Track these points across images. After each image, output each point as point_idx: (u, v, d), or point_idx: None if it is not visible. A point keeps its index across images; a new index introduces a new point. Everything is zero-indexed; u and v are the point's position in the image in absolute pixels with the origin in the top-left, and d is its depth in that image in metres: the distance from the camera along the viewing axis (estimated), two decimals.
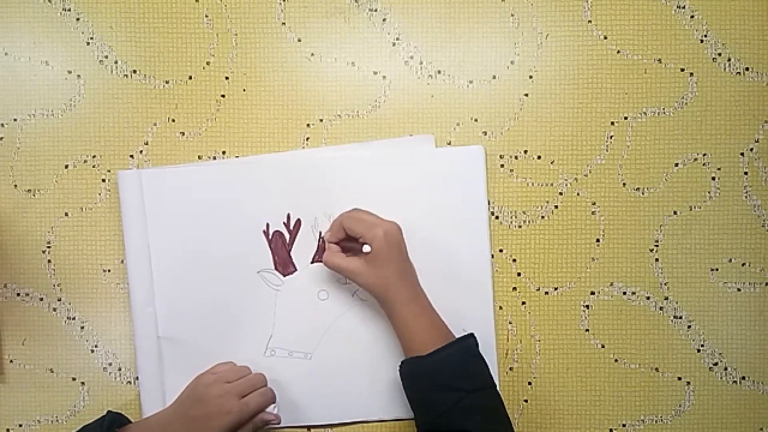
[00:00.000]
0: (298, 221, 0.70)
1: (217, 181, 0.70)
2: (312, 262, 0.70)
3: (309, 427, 0.71)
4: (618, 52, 0.71)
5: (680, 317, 0.71)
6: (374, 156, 0.70)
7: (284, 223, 0.70)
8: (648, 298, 0.71)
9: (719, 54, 0.71)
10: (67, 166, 0.71)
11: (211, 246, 0.70)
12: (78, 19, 0.71)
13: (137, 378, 0.70)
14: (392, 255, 0.63)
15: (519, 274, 0.71)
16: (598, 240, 0.71)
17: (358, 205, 0.68)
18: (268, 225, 0.70)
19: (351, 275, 0.65)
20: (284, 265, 0.70)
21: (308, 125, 0.71)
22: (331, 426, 0.71)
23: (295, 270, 0.70)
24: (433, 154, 0.71)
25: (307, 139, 0.71)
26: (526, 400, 0.71)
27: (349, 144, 0.71)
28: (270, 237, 0.70)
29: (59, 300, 0.71)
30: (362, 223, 0.64)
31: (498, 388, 0.70)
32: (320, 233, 0.70)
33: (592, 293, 0.71)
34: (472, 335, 0.64)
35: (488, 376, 0.63)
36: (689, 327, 0.71)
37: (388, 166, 0.70)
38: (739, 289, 0.71)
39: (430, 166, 0.70)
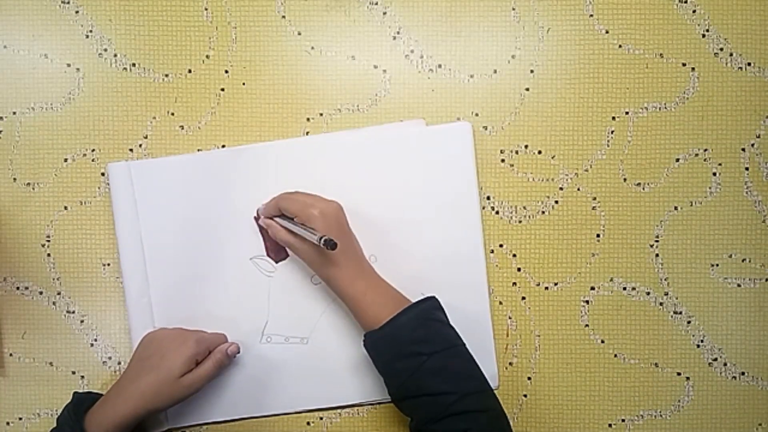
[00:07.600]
0: None
1: (205, 171, 0.70)
2: None
3: (309, 411, 0.71)
4: (620, 46, 0.70)
5: (680, 313, 0.71)
6: (362, 139, 0.70)
7: None
8: (648, 293, 0.71)
9: (721, 49, 0.70)
10: (66, 160, 0.71)
11: (202, 235, 0.70)
12: (77, 12, 0.71)
13: None
14: (330, 234, 0.61)
15: (519, 270, 0.71)
16: (598, 235, 0.71)
17: (347, 189, 0.68)
18: (258, 212, 0.70)
19: (296, 251, 0.65)
20: (276, 251, 0.70)
21: (308, 119, 0.71)
22: (332, 409, 0.71)
23: (287, 256, 0.70)
24: (421, 132, 0.70)
25: (307, 133, 0.71)
26: (525, 395, 0.71)
27: (340, 131, 0.71)
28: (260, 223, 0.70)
29: (59, 294, 0.71)
30: (297, 204, 0.64)
31: (497, 383, 0.70)
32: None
33: (592, 288, 0.71)
34: (430, 298, 0.64)
35: (449, 335, 0.62)
36: (689, 322, 0.71)
37: (376, 149, 0.70)
38: (739, 285, 0.71)
39: (419, 145, 0.70)
